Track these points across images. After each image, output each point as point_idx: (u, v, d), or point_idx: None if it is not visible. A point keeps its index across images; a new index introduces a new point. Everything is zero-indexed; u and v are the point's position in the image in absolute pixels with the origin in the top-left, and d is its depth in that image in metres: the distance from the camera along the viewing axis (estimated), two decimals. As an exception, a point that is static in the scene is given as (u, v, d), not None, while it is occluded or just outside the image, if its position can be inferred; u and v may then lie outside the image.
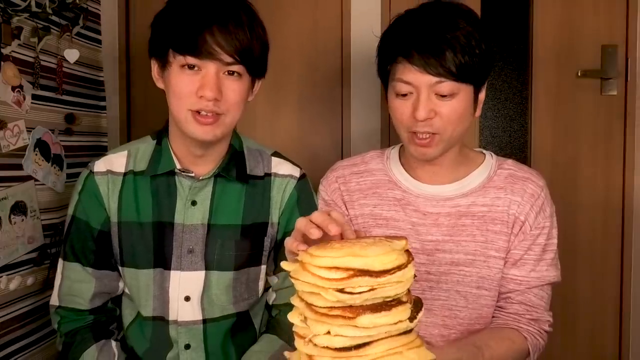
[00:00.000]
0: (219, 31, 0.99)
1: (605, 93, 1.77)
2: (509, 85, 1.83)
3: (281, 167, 1.21)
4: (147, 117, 1.95)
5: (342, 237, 0.76)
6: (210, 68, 1.01)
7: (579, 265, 1.78)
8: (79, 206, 1.15)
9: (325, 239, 0.74)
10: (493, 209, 1.08)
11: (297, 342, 0.68)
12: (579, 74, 1.78)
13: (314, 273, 0.64)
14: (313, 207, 1.19)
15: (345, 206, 1.14)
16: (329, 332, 0.64)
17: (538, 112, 1.81)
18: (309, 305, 0.66)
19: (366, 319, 0.63)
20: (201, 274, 1.13)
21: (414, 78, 1.00)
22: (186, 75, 1.02)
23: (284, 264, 0.72)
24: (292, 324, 0.70)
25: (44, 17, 1.43)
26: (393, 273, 0.64)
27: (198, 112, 1.03)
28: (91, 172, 1.15)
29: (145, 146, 1.17)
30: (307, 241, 0.75)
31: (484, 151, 1.17)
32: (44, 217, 1.46)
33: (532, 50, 1.80)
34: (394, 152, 1.18)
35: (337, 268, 0.63)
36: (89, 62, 1.69)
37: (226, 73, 1.03)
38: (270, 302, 1.26)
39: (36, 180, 1.42)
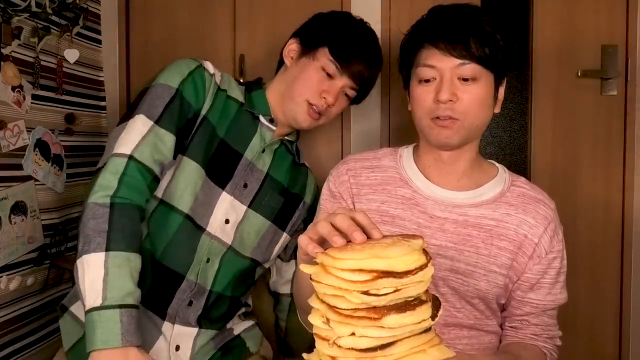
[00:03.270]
0: (369, 70, 1.33)
1: (605, 93, 1.77)
2: (509, 85, 1.81)
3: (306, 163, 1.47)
4: (147, 117, 1.95)
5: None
6: (340, 82, 1.27)
7: (579, 265, 1.77)
8: (187, 84, 1.20)
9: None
10: (502, 224, 1.07)
11: (319, 344, 0.68)
12: (579, 74, 1.78)
13: (337, 276, 0.64)
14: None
15: (352, 199, 1.14)
16: (353, 334, 0.64)
17: (538, 112, 1.81)
18: (332, 307, 0.66)
19: (392, 319, 0.63)
20: (244, 208, 1.26)
21: (438, 61, 1.03)
22: (319, 77, 1.26)
23: (303, 267, 0.72)
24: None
25: (44, 17, 1.43)
26: (415, 273, 0.64)
27: (314, 107, 1.25)
28: (200, 65, 1.24)
29: (234, 83, 1.32)
30: (322, 241, 0.75)
31: (496, 164, 1.17)
32: (44, 217, 1.46)
33: (532, 50, 1.80)
34: (407, 150, 1.18)
35: (361, 270, 0.63)
36: (89, 62, 1.69)
37: (344, 94, 1.32)
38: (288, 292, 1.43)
39: (36, 180, 1.43)
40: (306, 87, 1.24)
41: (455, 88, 1.03)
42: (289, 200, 1.34)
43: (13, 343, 1.36)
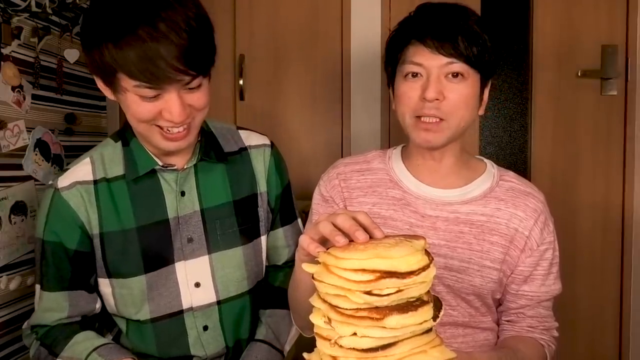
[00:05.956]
0: (174, 53, 0.90)
1: (605, 93, 1.77)
2: (509, 85, 1.83)
3: (251, 138, 1.22)
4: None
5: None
6: (172, 93, 0.95)
7: (579, 265, 1.78)
8: (49, 228, 1.07)
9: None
10: (492, 219, 1.08)
11: (320, 344, 0.68)
12: (579, 74, 1.78)
13: (340, 275, 0.64)
14: (286, 171, 1.26)
15: (344, 203, 1.14)
16: (355, 334, 0.64)
17: (538, 112, 1.81)
18: (333, 307, 0.66)
19: (394, 320, 0.63)
20: (205, 259, 1.12)
21: (426, 59, 1.02)
22: (147, 103, 0.95)
23: (305, 266, 0.71)
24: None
25: (44, 17, 1.43)
26: (418, 274, 0.64)
27: (167, 129, 1.00)
28: (56, 190, 1.06)
29: (109, 150, 1.11)
30: (324, 241, 0.75)
31: (484, 159, 1.17)
32: (44, 217, 1.46)
33: (532, 50, 1.80)
34: (395, 151, 1.19)
35: (364, 270, 0.63)
36: (89, 62, 1.69)
37: (187, 89, 0.97)
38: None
39: (36, 180, 1.43)
40: (142, 122, 0.98)
41: (442, 87, 1.02)
42: (243, 209, 1.16)
43: (13, 343, 1.36)
